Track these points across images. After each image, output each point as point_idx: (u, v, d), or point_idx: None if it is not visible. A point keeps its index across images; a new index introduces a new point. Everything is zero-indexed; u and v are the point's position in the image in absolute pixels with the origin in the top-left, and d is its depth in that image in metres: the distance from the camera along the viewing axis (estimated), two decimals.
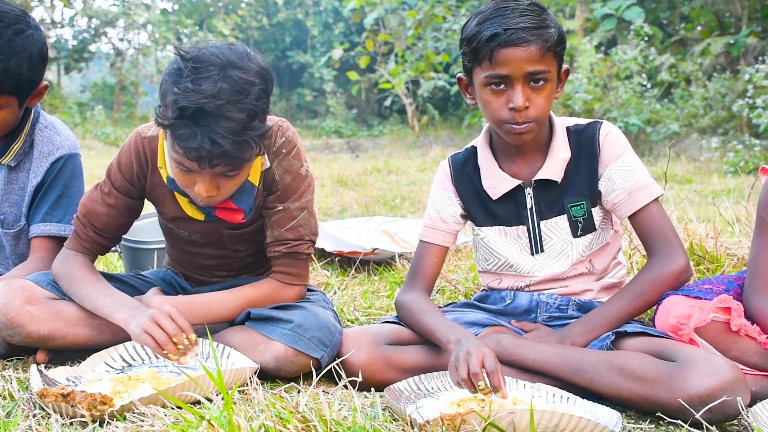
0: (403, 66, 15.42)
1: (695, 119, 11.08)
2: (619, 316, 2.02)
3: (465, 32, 2.01)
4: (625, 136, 2.15)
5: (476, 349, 1.78)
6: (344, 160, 11.45)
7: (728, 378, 1.68)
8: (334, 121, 17.52)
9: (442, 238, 2.22)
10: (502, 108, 1.98)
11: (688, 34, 12.91)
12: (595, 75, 11.27)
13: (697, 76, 11.49)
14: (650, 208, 2.06)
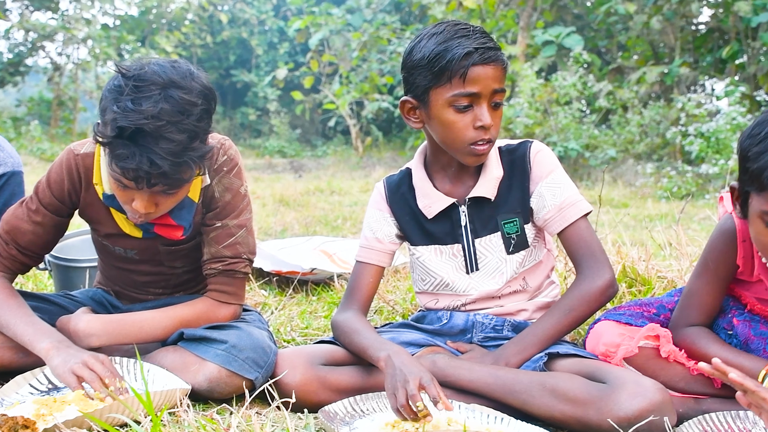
0: (348, 87, 15.47)
1: (631, 145, 11.35)
2: (550, 334, 2.05)
3: (422, 53, 1.99)
4: (554, 155, 2.19)
5: (413, 375, 1.77)
6: (287, 180, 11.39)
7: (656, 400, 1.72)
8: (278, 141, 17.45)
9: (378, 258, 2.22)
10: (467, 128, 1.99)
11: (625, 63, 13.27)
12: (535, 100, 11.48)
13: (634, 103, 11.79)
14: (579, 225, 2.10)
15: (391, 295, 3.07)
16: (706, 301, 1.98)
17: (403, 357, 1.86)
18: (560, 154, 10.54)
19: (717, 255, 1.97)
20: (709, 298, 1.98)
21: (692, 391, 1.95)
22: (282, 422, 1.79)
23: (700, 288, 1.99)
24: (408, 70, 2.04)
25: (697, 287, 2.00)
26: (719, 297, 2.00)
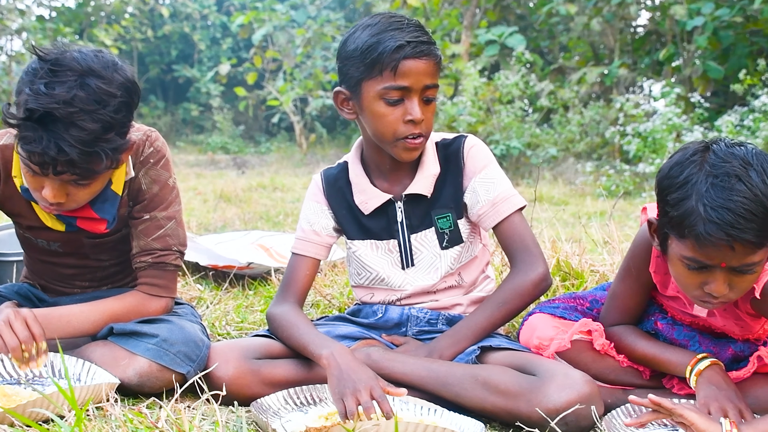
0: (292, 84, 15.38)
1: (572, 144, 11.54)
2: (483, 327, 2.07)
3: (355, 44, 1.98)
4: (488, 150, 2.20)
5: (363, 384, 1.76)
6: (230, 177, 11.26)
7: (584, 391, 1.75)
8: (221, 137, 17.23)
9: (314, 251, 2.21)
10: (397, 122, 1.98)
11: (566, 63, 13.48)
12: (479, 99, 11.57)
13: (574, 103, 11.98)
14: (512, 219, 2.12)
15: (329, 289, 3.06)
16: (629, 305, 2.02)
17: (348, 358, 1.85)
18: (502, 152, 10.65)
19: (638, 262, 1.98)
20: (632, 302, 2.02)
21: (622, 382, 1.99)
22: (212, 416, 1.77)
23: (623, 292, 2.03)
24: (342, 61, 2.04)
25: (621, 291, 2.04)
26: (642, 302, 2.03)
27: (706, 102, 10.29)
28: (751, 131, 8.29)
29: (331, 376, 1.82)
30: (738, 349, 1.93)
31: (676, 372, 1.84)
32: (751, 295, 1.78)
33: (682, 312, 1.98)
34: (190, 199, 7.46)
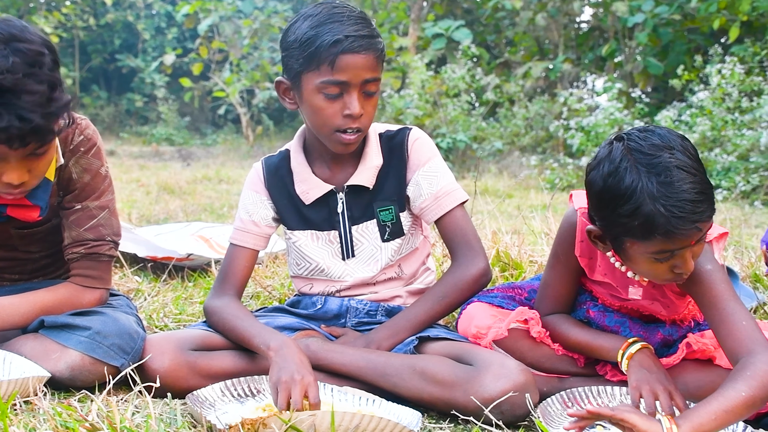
0: (238, 75, 15.22)
1: (517, 138, 11.68)
2: (422, 320, 2.08)
3: (295, 35, 1.96)
4: (432, 143, 2.20)
5: (300, 375, 1.76)
6: (174, 169, 11.10)
7: (519, 381, 1.78)
8: (166, 129, 16.96)
9: (253, 242, 2.19)
10: (336, 115, 1.97)
11: (512, 58, 13.62)
12: (425, 92, 11.62)
13: (520, 97, 12.12)
14: (455, 213, 2.13)
15: (270, 280, 3.04)
16: (561, 292, 2.05)
17: (294, 351, 1.84)
18: (449, 145, 10.72)
19: (565, 248, 2.00)
20: (563, 289, 2.05)
21: (557, 370, 2.02)
22: (144, 408, 1.74)
23: (553, 279, 2.06)
24: (284, 51, 2.02)
25: (551, 278, 2.06)
26: (572, 288, 2.06)
27: (646, 97, 10.52)
28: (688, 126, 8.49)
29: (274, 365, 1.81)
30: (666, 333, 1.97)
31: (609, 357, 1.88)
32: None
33: (612, 296, 2.02)
34: (133, 191, 7.34)
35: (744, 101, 8.32)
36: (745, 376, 1.62)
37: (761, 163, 7.50)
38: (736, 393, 1.59)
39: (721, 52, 9.86)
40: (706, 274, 1.79)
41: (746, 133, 7.86)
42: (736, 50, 9.40)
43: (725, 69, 8.44)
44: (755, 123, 8.04)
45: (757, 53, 9.11)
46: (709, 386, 1.83)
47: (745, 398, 1.58)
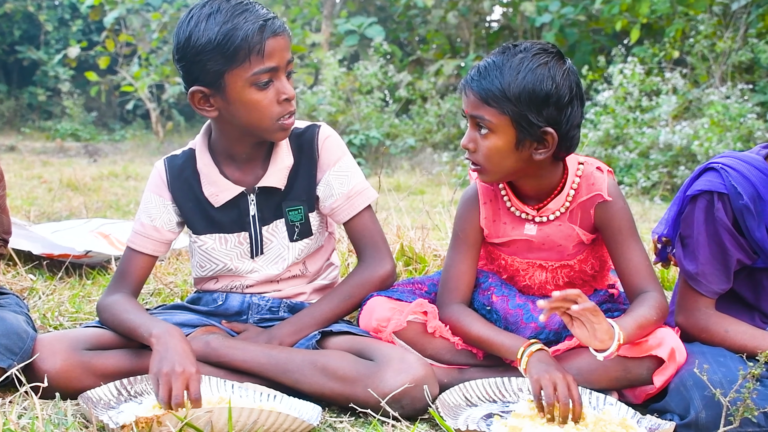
0: (147, 69, 14.83)
1: (430, 135, 11.78)
2: (327, 317, 2.09)
3: (206, 37, 1.86)
4: (341, 140, 2.18)
5: (182, 367, 1.72)
6: (80, 165, 10.73)
7: (419, 374, 1.80)
8: (71, 124, 16.36)
9: (153, 248, 2.12)
10: (272, 104, 1.93)
11: (424, 55, 13.73)
12: (338, 88, 11.61)
13: (432, 94, 12.24)
14: (364, 214, 2.14)
15: (172, 277, 2.98)
16: (462, 270, 2.09)
17: (177, 339, 1.80)
18: (362, 142, 10.74)
19: (463, 223, 2.10)
20: (465, 266, 2.10)
21: (457, 362, 2.06)
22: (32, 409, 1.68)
23: (454, 259, 2.11)
24: (191, 59, 1.90)
25: (452, 260, 2.11)
26: (473, 265, 2.11)
27: None
28: (593, 124, 8.75)
29: (156, 353, 1.77)
30: None
31: (508, 355, 1.92)
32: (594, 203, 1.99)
33: (515, 264, 2.09)
34: (34, 188, 7.07)
35: (644, 100, 8.63)
36: (651, 305, 1.90)
37: (660, 160, 7.79)
38: (648, 315, 1.87)
39: (624, 52, 10.21)
40: (620, 212, 1.99)
41: (646, 131, 8.16)
42: (637, 51, 9.74)
43: (627, 69, 8.73)
44: (655, 122, 8.36)
45: (656, 54, 9.47)
46: (600, 370, 1.90)
47: (654, 322, 1.88)
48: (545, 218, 2.02)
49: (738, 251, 1.94)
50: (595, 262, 2.10)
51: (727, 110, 7.62)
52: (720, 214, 1.92)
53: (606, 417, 1.77)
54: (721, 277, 1.96)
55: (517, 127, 1.86)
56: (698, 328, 1.98)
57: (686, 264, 1.99)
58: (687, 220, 1.98)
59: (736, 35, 8.82)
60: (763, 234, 1.91)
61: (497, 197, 2.07)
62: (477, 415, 1.84)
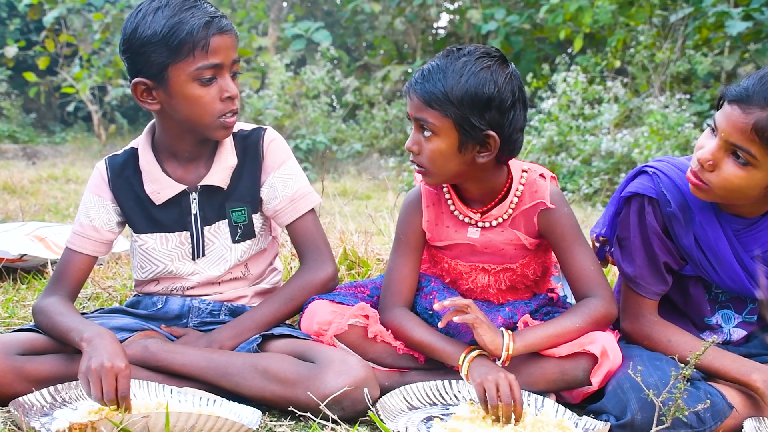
0: (89, 71, 14.53)
1: (376, 140, 11.82)
2: (268, 321, 2.07)
3: (152, 29, 1.87)
4: (286, 144, 2.19)
5: (110, 362, 1.69)
6: (18, 168, 10.47)
7: (360, 377, 1.80)
8: (8, 125, 15.93)
9: (92, 248, 2.09)
10: (214, 101, 1.93)
11: (372, 61, 13.79)
12: (285, 92, 11.58)
13: (379, 100, 12.28)
14: (307, 218, 2.14)
15: (111, 281, 2.92)
16: (405, 273, 2.10)
17: (107, 341, 1.77)
18: (308, 146, 10.71)
19: (406, 226, 2.12)
20: (407, 270, 2.11)
21: (399, 365, 2.06)
22: None
23: (397, 263, 2.12)
24: (136, 50, 1.91)
25: (395, 263, 2.12)
26: (415, 268, 2.13)
27: None
28: (537, 131, 8.89)
29: (85, 355, 1.74)
30: (507, 317, 2.07)
31: (449, 361, 1.93)
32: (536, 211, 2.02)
33: (458, 267, 2.10)
34: None
35: (587, 108, 8.80)
36: (583, 312, 1.94)
37: (602, 167, 7.95)
38: (571, 323, 1.92)
39: (567, 61, 10.39)
40: (563, 218, 2.02)
41: (589, 138, 8.32)
42: (580, 60, 9.93)
43: (570, 78, 8.90)
44: (597, 129, 8.53)
45: (598, 64, 9.66)
46: (538, 373, 1.93)
47: (578, 329, 1.92)
48: (488, 224, 2.05)
49: (665, 255, 1.98)
50: (537, 267, 2.13)
51: (666, 119, 7.82)
52: (650, 217, 1.97)
53: (544, 418, 1.80)
54: (658, 278, 2.00)
55: (459, 130, 1.87)
56: (642, 335, 2.02)
57: (625, 266, 2.03)
58: (623, 222, 2.02)
59: (674, 46, 9.06)
60: (691, 242, 1.95)
61: (441, 200, 2.09)
62: (417, 418, 1.84)
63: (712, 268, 1.96)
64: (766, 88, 1.71)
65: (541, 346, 1.91)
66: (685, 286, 2.06)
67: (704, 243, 1.94)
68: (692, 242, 1.95)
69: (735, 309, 2.07)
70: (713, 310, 2.07)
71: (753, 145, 1.72)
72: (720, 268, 1.95)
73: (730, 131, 1.74)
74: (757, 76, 1.74)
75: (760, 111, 1.70)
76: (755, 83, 1.72)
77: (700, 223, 1.92)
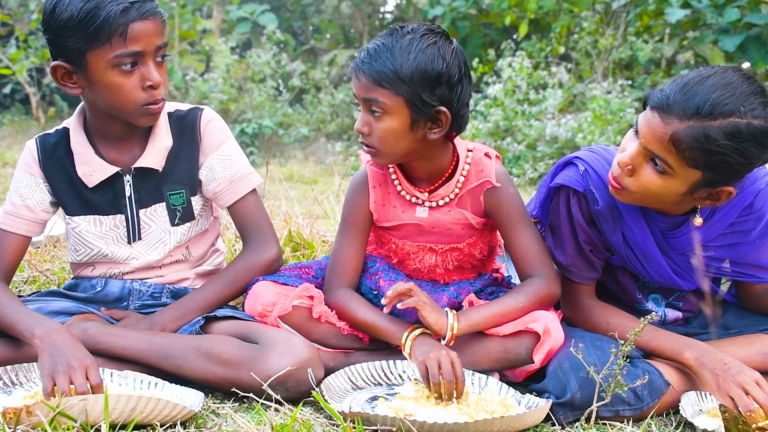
0: (26, 52, 14.12)
1: (323, 124, 11.76)
2: (211, 302, 2.05)
3: (68, 12, 1.80)
4: (225, 124, 2.15)
5: (77, 360, 1.68)
6: None
7: (304, 357, 1.80)
8: None
9: (26, 228, 2.04)
10: (136, 89, 1.87)
11: (318, 45, 13.68)
12: (230, 76, 11.42)
13: (326, 84, 12.21)
14: (248, 199, 2.12)
15: (48, 264, 2.85)
16: (350, 254, 2.10)
17: (64, 336, 1.75)
18: (255, 131, 10.61)
19: (352, 207, 2.11)
20: (353, 251, 2.10)
21: (343, 346, 2.06)
22: None
23: (342, 244, 2.11)
24: (54, 32, 1.84)
25: (340, 244, 2.11)
26: (361, 249, 2.12)
27: None
28: (483, 116, 8.95)
29: (44, 353, 1.71)
30: (452, 297, 2.08)
31: (393, 341, 1.94)
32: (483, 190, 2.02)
33: (405, 248, 2.11)
34: None
35: (532, 94, 8.88)
36: (527, 292, 1.97)
37: (547, 152, 8.05)
38: (515, 303, 1.95)
39: (513, 47, 10.46)
40: (509, 197, 2.03)
41: (534, 123, 8.40)
42: (525, 46, 10.02)
43: (515, 63, 8.96)
44: (542, 114, 8.62)
45: (543, 49, 9.76)
46: (482, 352, 1.95)
47: (521, 308, 1.94)
48: (435, 203, 2.05)
49: (591, 246, 2.02)
50: (483, 246, 2.14)
51: (609, 105, 7.94)
52: (575, 209, 2.00)
53: (487, 396, 1.82)
54: (589, 266, 2.04)
55: (411, 108, 1.87)
56: (582, 320, 2.05)
57: (557, 254, 2.06)
58: (554, 211, 2.05)
59: (616, 33, 9.20)
60: (619, 239, 1.99)
61: (387, 181, 2.08)
62: (362, 398, 1.85)
63: (639, 263, 2.00)
64: (686, 99, 1.69)
65: (485, 325, 1.93)
66: (614, 274, 2.11)
67: (632, 241, 1.97)
68: (620, 239, 1.99)
69: (663, 295, 2.13)
70: (644, 297, 2.12)
71: (670, 155, 1.72)
72: (648, 264, 1.99)
73: (650, 139, 1.74)
74: (680, 84, 1.72)
75: (679, 122, 1.69)
76: (676, 92, 1.71)
77: (627, 222, 1.96)
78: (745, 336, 2.05)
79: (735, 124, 1.65)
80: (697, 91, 1.68)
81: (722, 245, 1.95)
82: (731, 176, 1.74)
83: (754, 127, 1.65)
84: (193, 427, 1.66)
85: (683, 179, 1.75)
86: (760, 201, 1.90)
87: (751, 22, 7.89)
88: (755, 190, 1.90)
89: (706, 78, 1.70)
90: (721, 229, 1.92)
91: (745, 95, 1.67)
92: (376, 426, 1.64)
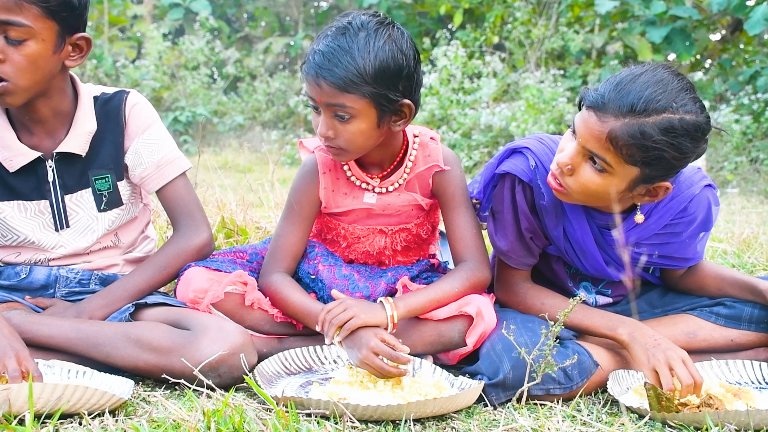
0: None
1: (259, 113, 11.67)
2: (141, 289, 2.01)
3: None
4: (152, 108, 2.11)
5: (15, 350, 1.64)
6: None
7: (236, 343, 1.78)
8: None
9: None
10: None
11: (253, 32, 13.55)
12: (163, 63, 11.23)
13: (261, 72, 12.11)
14: (177, 183, 2.08)
15: None
16: (292, 242, 2.09)
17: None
18: (188, 119, 10.45)
19: (300, 195, 2.09)
20: (295, 238, 2.09)
21: (277, 332, 2.05)
22: None
23: (285, 230, 2.10)
24: None
25: (283, 230, 2.10)
26: (304, 237, 2.12)
27: None
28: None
29: None
30: (390, 282, 2.09)
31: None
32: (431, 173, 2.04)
33: (357, 227, 2.11)
34: None
35: (467, 83, 8.97)
36: (461, 276, 1.99)
37: (482, 140, 8.15)
38: (450, 287, 1.97)
39: (448, 36, 10.54)
40: (456, 179, 2.06)
41: (469, 112, 8.49)
42: (460, 35, 10.10)
43: (450, 52, 9.03)
44: (476, 103, 8.72)
45: (477, 39, 9.86)
46: (416, 336, 1.96)
47: (456, 293, 1.97)
48: (385, 189, 2.05)
49: (528, 233, 2.05)
50: (428, 227, 2.17)
51: (542, 94, 8.08)
52: (519, 197, 2.02)
53: (421, 379, 1.83)
54: (527, 252, 2.08)
55: (377, 107, 1.85)
56: (516, 302, 2.09)
57: (497, 240, 2.08)
58: (498, 197, 2.07)
59: (548, 23, 9.36)
60: (560, 233, 2.03)
61: (337, 167, 2.07)
62: (296, 384, 1.84)
63: (576, 257, 2.05)
64: (620, 97, 1.70)
65: (422, 310, 1.94)
66: (548, 262, 2.15)
67: (572, 237, 2.01)
68: (560, 234, 2.03)
69: (593, 283, 2.18)
70: (576, 284, 2.17)
71: (608, 153, 1.74)
72: (584, 259, 2.04)
73: (587, 138, 1.75)
74: (613, 82, 1.74)
75: (614, 120, 1.71)
76: (611, 90, 1.72)
77: (569, 218, 2.00)
78: (669, 317, 2.12)
79: (668, 119, 1.69)
80: (631, 89, 1.71)
81: (655, 243, 2.02)
82: (667, 171, 1.79)
83: (687, 122, 1.70)
84: (122, 415, 1.62)
85: (622, 176, 1.78)
86: (694, 205, 1.97)
87: (675, 15, 8.12)
88: (690, 195, 1.96)
89: (638, 76, 1.73)
90: (656, 230, 1.98)
91: (676, 91, 1.71)
92: (309, 410, 1.64)
